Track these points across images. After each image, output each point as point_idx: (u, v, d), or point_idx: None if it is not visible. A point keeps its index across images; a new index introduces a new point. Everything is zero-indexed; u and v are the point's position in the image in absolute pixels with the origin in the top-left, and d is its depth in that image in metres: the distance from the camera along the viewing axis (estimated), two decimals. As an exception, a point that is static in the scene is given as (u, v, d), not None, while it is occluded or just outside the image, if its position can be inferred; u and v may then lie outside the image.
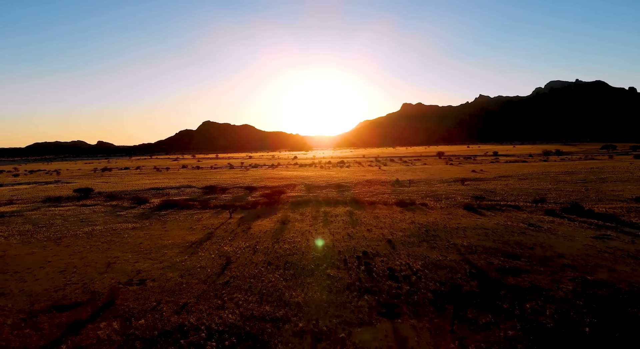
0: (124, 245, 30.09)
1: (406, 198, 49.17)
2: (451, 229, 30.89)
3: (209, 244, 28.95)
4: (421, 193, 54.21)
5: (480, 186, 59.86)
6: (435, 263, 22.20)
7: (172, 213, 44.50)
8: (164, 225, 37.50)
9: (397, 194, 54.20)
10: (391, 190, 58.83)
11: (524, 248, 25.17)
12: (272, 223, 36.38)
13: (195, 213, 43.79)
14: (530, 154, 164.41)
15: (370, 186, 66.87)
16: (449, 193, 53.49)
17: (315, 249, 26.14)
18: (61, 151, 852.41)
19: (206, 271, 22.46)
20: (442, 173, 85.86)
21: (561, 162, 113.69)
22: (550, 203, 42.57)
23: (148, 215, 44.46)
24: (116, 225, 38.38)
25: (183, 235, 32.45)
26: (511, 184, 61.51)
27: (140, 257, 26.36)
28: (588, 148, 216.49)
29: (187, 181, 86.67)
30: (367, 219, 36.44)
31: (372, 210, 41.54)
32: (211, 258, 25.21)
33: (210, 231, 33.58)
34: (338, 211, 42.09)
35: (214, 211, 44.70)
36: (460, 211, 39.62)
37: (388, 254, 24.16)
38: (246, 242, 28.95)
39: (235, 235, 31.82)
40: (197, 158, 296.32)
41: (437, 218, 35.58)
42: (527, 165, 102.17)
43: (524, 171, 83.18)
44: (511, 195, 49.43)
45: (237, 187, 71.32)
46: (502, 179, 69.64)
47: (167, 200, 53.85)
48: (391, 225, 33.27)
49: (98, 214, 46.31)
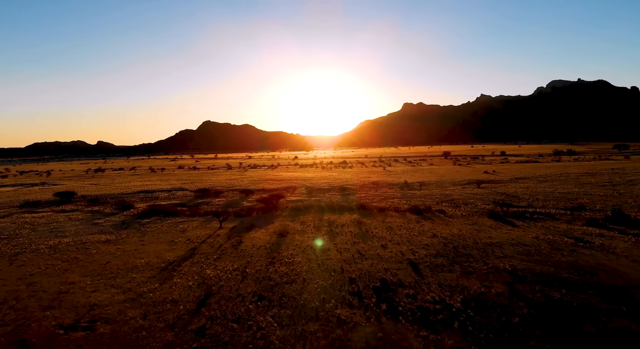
0: (87, 264, 24.81)
1: (420, 204, 43.84)
2: (483, 245, 25.55)
3: (188, 265, 23.65)
4: (435, 198, 48.87)
5: (498, 190, 54.49)
6: (478, 299, 16.88)
7: (156, 222, 39.21)
8: (142, 238, 32.20)
9: (408, 199, 48.86)
10: (401, 194, 53.50)
11: (584, 274, 19.83)
12: (268, 235, 31.07)
13: (182, 222, 38.48)
14: (540, 154, 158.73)
15: (377, 189, 61.53)
16: (466, 197, 48.14)
17: (319, 274, 20.84)
18: (61, 151, 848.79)
19: (178, 309, 17.17)
20: (452, 175, 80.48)
21: (575, 162, 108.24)
22: (588, 210, 37.18)
23: (128, 223, 39.16)
24: (88, 237, 33.11)
25: (161, 252, 27.14)
26: (532, 187, 56.13)
27: (102, 284, 21.09)
28: (598, 147, 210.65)
29: (180, 183, 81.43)
30: (379, 230, 31.11)
31: (383, 219, 36.20)
32: (188, 286, 19.92)
33: (194, 246, 28.27)
34: (344, 219, 36.77)
35: (203, 220, 39.38)
36: (486, 220, 34.27)
37: (414, 283, 18.84)
38: (234, 262, 23.64)
39: (223, 251, 26.52)
40: (195, 159, 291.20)
41: (463, 230, 30.23)
42: (540, 166, 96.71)
43: (540, 172, 77.76)
44: (537, 200, 44.07)
45: (232, 190, 66.02)
46: (520, 181, 64.24)
47: (154, 206, 48.57)
48: (409, 238, 27.93)
49: (73, 222, 41.04)
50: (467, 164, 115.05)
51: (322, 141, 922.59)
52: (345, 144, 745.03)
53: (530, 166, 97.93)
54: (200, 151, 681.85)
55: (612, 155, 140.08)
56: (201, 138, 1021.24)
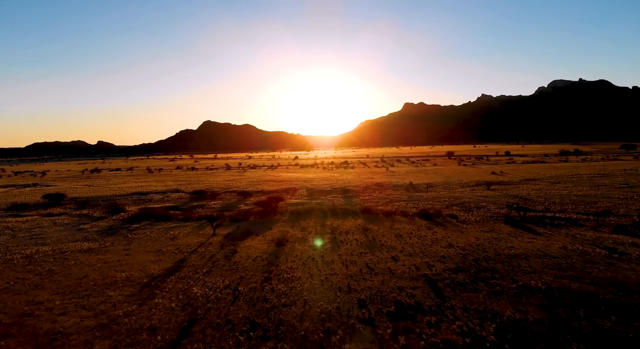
0: (62, 279, 22.06)
1: (428, 207, 40.99)
2: (507, 257, 22.74)
3: (174, 280, 20.87)
4: (444, 201, 46.03)
5: (510, 192, 51.65)
6: (514, 328, 14.08)
7: (145, 228, 36.43)
8: (127, 246, 29.43)
9: (415, 201, 46.03)
10: (407, 196, 50.67)
11: (631, 294, 17.03)
12: (266, 244, 28.28)
13: (173, 228, 35.70)
14: (545, 154, 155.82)
15: (381, 191, 58.70)
16: (478, 200, 45.30)
17: (323, 293, 18.05)
18: (61, 151, 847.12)
19: (155, 340, 14.39)
20: (458, 176, 77.61)
21: (583, 162, 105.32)
22: (612, 215, 34.34)
23: (115, 229, 36.39)
24: (69, 245, 30.34)
25: (146, 264, 24.37)
26: (545, 189, 53.27)
27: (72, 304, 18.32)
28: (604, 147, 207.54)
29: (176, 184, 78.66)
30: (387, 239, 28.29)
31: (391, 224, 33.39)
32: (170, 308, 17.14)
33: (183, 257, 25.49)
34: (348, 225, 33.96)
35: (196, 225, 36.59)
36: (503, 227, 31.45)
37: (435, 307, 16.02)
38: (226, 278, 20.86)
39: (215, 263, 23.73)
40: (194, 159, 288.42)
41: (480, 239, 27.41)
42: (548, 166, 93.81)
43: (550, 173, 74.88)
44: (554, 204, 41.22)
45: (230, 192, 63.23)
46: (531, 183, 61.37)
47: (145, 209, 45.79)
48: (422, 248, 25.12)
49: (57, 228, 38.27)
50: (472, 164, 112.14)
51: (322, 141, 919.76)
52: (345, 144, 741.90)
53: (538, 166, 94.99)
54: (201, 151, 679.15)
55: (620, 155, 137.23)
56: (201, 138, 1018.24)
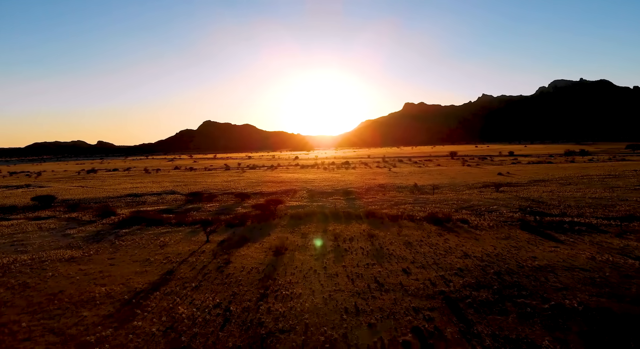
0: (34, 294, 19.73)
1: (437, 211, 38.64)
2: (531, 270, 20.39)
3: (159, 297, 18.53)
4: (452, 204, 43.67)
5: (520, 194, 49.28)
6: (558, 365, 11.68)
7: (135, 233, 34.09)
8: (113, 255, 27.09)
9: (421, 204, 43.66)
10: (412, 199, 48.31)
11: (685, 318, 14.62)
12: (263, 253, 25.94)
13: (164, 233, 33.35)
14: (550, 154, 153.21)
15: (385, 192, 56.34)
16: (487, 203, 42.93)
17: (327, 315, 15.69)
18: (60, 151, 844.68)
19: (126, 378, 12.02)
20: (464, 177, 75.23)
21: (590, 163, 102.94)
22: (636, 220, 31.94)
23: (103, 235, 34.06)
24: (50, 253, 28.01)
25: (130, 276, 22.04)
26: (557, 191, 50.91)
27: (40, 327, 15.98)
28: (608, 147, 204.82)
29: (172, 185, 76.34)
30: (396, 247, 25.94)
31: (398, 230, 31.03)
32: (150, 334, 14.79)
33: (172, 268, 23.16)
34: (352, 231, 31.61)
35: (189, 230, 34.24)
36: (520, 233, 29.09)
37: (458, 336, 13.66)
38: (217, 295, 18.51)
39: (206, 276, 21.39)
40: (193, 159, 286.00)
41: (498, 248, 25.05)
42: (555, 167, 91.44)
43: (559, 174, 72.52)
44: (570, 207, 38.84)
45: (227, 193, 60.90)
46: (540, 184, 59.01)
47: (137, 213, 43.46)
48: (436, 259, 22.76)
49: (41, 233, 35.93)
50: (477, 165, 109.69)
51: (322, 141, 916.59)
52: (346, 144, 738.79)
53: (545, 167, 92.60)
54: (201, 151, 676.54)
55: (627, 155, 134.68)
56: (202, 138, 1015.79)
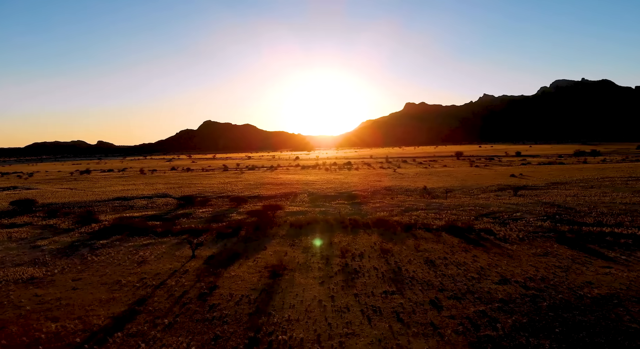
0: (-36, 333, 15.48)
1: (454, 219, 34.41)
2: (593, 302, 16.13)
3: (118, 342, 14.29)
4: (469, 210, 39.40)
5: (542, 198, 44.98)
6: None
7: (113, 245, 29.87)
8: (80, 274, 22.90)
9: (436, 211, 39.39)
10: (424, 204, 44.02)
11: None
12: (256, 274, 21.72)
13: (146, 246, 29.12)
14: (559, 154, 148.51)
15: (393, 196, 52.07)
16: (509, 209, 38.64)
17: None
18: (60, 151, 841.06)
19: None
20: (475, 179, 70.90)
21: (604, 164, 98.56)
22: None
23: (77, 247, 29.84)
24: (9, 272, 23.85)
25: (92, 306, 17.83)
26: (581, 195, 46.61)
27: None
28: (617, 148, 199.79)
29: (166, 187, 72.12)
30: (416, 267, 21.70)
31: (415, 243, 26.78)
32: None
33: (145, 295, 18.94)
34: (362, 244, 27.37)
35: (175, 242, 30.01)
36: (558, 248, 24.83)
37: None
38: (193, 338, 14.29)
39: (183, 309, 17.16)
40: (192, 159, 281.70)
41: (539, 268, 20.80)
42: (570, 168, 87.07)
43: (576, 176, 68.20)
44: (603, 215, 34.56)
45: (223, 197, 56.68)
46: (560, 187, 54.71)
47: (122, 219, 39.26)
48: (468, 285, 18.51)
49: (9, 244, 31.71)
50: (485, 166, 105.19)
51: (323, 141, 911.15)
52: (346, 144, 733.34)
53: (558, 168, 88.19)
54: (201, 151, 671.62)
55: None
56: (202, 138, 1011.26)
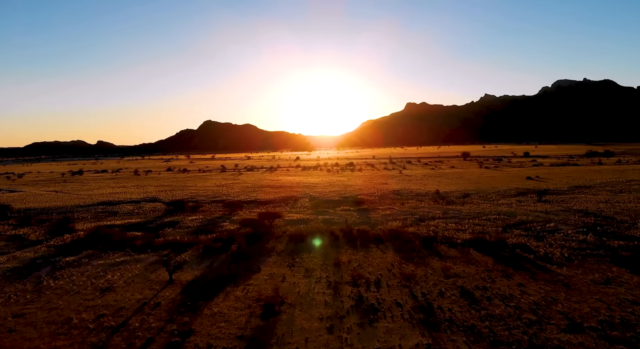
0: None
1: (478, 230, 29.69)
2: None
3: None
4: (493, 218, 34.64)
5: (571, 205, 40.20)
6: None
7: (80, 264, 25.18)
8: (25, 307, 18.24)
9: (455, 220, 34.63)
10: (441, 211, 39.25)
11: None
12: (245, 314, 17.03)
13: (117, 266, 24.41)
14: (570, 155, 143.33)
15: (403, 201, 47.31)
16: (539, 219, 33.88)
17: None
18: (60, 151, 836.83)
19: None
20: (489, 181, 66.09)
21: (621, 165, 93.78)
22: None
23: (36, 266, 25.15)
24: (-61, 302, 19.14)
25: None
26: (613, 201, 41.84)
27: None
28: (628, 148, 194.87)
29: (157, 190, 67.39)
30: (452, 304, 17.00)
31: (442, 265, 22.05)
32: None
33: (96, 344, 14.20)
34: (376, 265, 22.66)
35: (152, 261, 25.30)
36: (618, 272, 20.16)
37: None
38: None
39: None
40: (190, 159, 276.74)
41: (610, 304, 16.12)
42: (587, 170, 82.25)
43: (597, 178, 63.45)
44: (653, 226, 29.78)
45: (216, 201, 51.98)
46: (585, 191, 49.95)
47: (99, 229, 34.50)
48: (529, 333, 13.80)
49: (-40, 261, 27.05)
50: (495, 167, 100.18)
51: (324, 141, 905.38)
52: (347, 144, 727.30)
53: (574, 170, 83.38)
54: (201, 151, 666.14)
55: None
56: (202, 138, 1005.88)
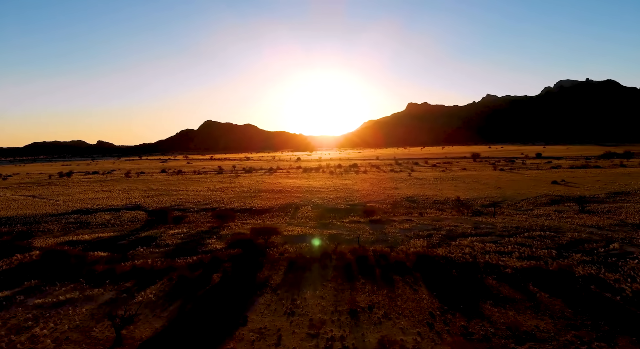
0: None
1: (529, 254, 23.33)
2: None
3: None
4: (537, 236, 28.22)
5: (622, 217, 33.77)
6: None
7: (10, 304, 18.86)
8: None
9: (493, 238, 28.20)
10: (470, 225, 32.82)
11: None
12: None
13: (57, 308, 18.09)
14: (585, 156, 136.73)
15: (421, 210, 40.91)
16: (595, 236, 27.45)
17: None
18: (59, 151, 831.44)
19: None
20: (513, 186, 59.59)
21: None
22: None
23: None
24: None
25: None
26: (672, 212, 35.35)
27: None
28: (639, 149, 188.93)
29: (143, 196, 61.05)
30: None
31: (504, 316, 15.73)
32: None
33: None
34: (410, 316, 16.32)
35: (107, 299, 18.95)
36: None
37: None
38: None
39: None
40: (188, 160, 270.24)
41: None
42: (613, 173, 75.83)
43: (633, 183, 57.03)
44: None
45: (206, 210, 45.64)
46: (629, 199, 43.56)
47: (56, 248, 28.11)
48: None
49: None
50: (511, 169, 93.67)
51: (325, 141, 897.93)
52: (348, 144, 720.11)
53: (599, 172, 76.97)
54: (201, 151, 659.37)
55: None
56: (202, 138, 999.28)
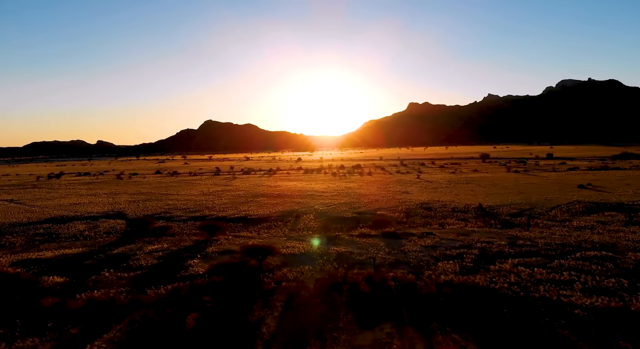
0: None
1: (595, 286, 18.09)
2: None
3: None
4: (593, 257, 22.95)
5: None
6: None
7: None
8: None
9: (539, 260, 22.93)
10: (505, 241, 27.50)
11: None
12: None
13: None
14: (600, 157, 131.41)
15: (441, 221, 35.60)
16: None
17: None
18: (58, 150, 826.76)
19: None
20: (534, 191, 54.22)
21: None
22: None
23: None
24: None
25: None
26: None
27: None
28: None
29: (129, 200, 55.80)
30: None
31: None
32: None
33: None
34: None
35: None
36: None
37: None
38: None
39: None
40: (186, 160, 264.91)
41: None
42: (638, 175, 70.48)
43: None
44: None
45: (195, 218, 40.32)
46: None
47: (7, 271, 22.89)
48: None
49: None
50: (525, 171, 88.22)
51: (325, 141, 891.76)
52: (349, 144, 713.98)
53: (625, 175, 71.52)
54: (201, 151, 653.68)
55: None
56: (202, 138, 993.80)
